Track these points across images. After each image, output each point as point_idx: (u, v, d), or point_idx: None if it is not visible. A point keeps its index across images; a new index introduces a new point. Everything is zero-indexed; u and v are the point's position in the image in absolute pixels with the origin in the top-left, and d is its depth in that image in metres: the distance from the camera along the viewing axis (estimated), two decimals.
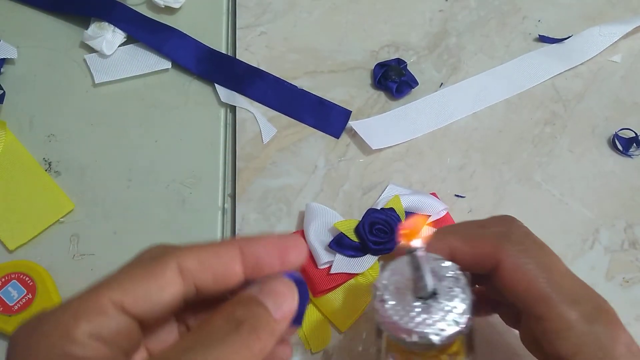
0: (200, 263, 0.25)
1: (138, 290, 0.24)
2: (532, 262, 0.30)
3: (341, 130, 0.51)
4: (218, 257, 0.25)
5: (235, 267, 0.25)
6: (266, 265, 0.26)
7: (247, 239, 0.26)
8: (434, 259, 0.31)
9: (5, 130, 0.50)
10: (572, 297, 0.29)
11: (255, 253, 0.26)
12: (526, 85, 0.53)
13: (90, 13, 0.54)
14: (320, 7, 0.56)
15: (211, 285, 0.25)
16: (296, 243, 0.27)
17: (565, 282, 0.30)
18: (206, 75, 0.53)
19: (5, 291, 0.44)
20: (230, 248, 0.26)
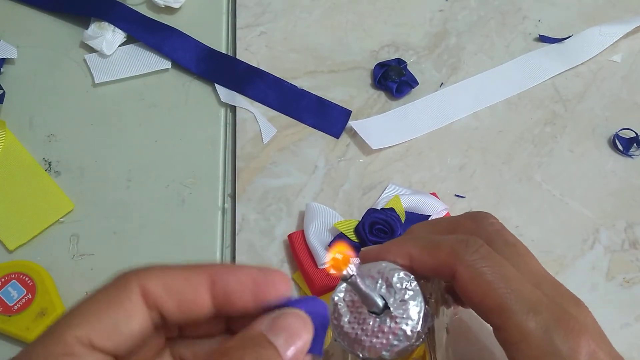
0: (164, 287, 0.22)
1: (105, 323, 0.21)
2: (489, 270, 0.28)
3: (341, 130, 0.51)
4: (185, 282, 0.23)
5: (203, 296, 0.23)
6: (237, 300, 0.23)
7: (221, 267, 0.24)
8: (390, 268, 0.30)
9: (5, 130, 0.50)
10: (530, 306, 0.28)
11: (227, 284, 0.23)
12: (526, 85, 0.53)
13: (90, 13, 0.54)
14: (320, 7, 0.56)
15: (175, 313, 0.23)
16: (277, 279, 0.24)
17: (525, 289, 0.28)
18: (206, 75, 0.53)
19: (5, 291, 0.43)
20: (200, 274, 0.23)
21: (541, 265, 0.30)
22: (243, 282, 0.23)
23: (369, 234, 0.43)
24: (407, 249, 0.31)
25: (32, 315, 0.43)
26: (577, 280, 0.46)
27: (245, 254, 0.46)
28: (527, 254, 0.31)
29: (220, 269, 0.23)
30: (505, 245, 0.30)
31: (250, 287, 0.23)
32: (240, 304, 0.23)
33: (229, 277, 0.23)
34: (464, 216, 0.33)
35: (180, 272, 0.23)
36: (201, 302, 0.23)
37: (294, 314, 0.23)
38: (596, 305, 0.45)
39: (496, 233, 0.31)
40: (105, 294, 0.22)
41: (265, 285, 0.24)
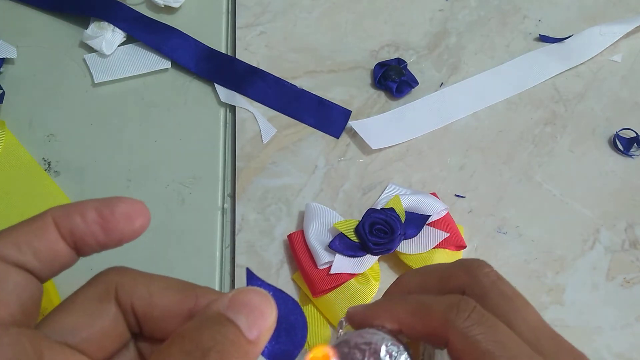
0: (15, 245, 0.22)
1: None
2: (484, 338, 0.27)
3: (341, 130, 0.51)
4: (34, 235, 0.22)
5: (55, 242, 0.22)
6: (87, 237, 0.23)
7: (61, 209, 0.23)
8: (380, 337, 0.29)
9: (5, 130, 0.50)
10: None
11: (70, 226, 0.22)
12: (526, 85, 0.53)
13: (89, 13, 0.54)
14: (320, 7, 0.56)
15: (39, 266, 0.22)
16: (123, 204, 0.23)
17: (523, 355, 0.27)
18: (206, 75, 0.53)
19: None
20: (42, 221, 0.22)
21: (540, 317, 0.29)
22: (85, 218, 0.23)
23: (369, 234, 0.43)
24: (395, 313, 0.29)
25: None
26: (577, 280, 0.46)
27: (245, 254, 0.46)
28: (524, 305, 0.29)
29: (60, 210, 0.23)
30: (502, 298, 0.29)
31: (94, 220, 0.23)
32: (92, 240, 0.23)
33: (70, 216, 0.23)
34: (457, 265, 0.31)
35: (25, 225, 0.22)
36: (56, 247, 0.22)
37: (254, 290, 0.22)
38: (596, 305, 0.46)
39: (492, 285, 0.29)
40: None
41: (112, 216, 0.23)
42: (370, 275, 0.44)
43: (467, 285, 0.30)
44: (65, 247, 0.23)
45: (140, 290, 0.23)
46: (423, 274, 0.32)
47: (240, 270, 0.46)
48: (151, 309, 0.23)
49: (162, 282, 0.23)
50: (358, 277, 0.44)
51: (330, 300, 0.44)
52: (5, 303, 0.21)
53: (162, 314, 0.23)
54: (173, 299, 0.23)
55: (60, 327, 0.22)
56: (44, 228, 0.22)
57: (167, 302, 0.23)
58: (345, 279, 0.44)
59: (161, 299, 0.23)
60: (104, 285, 0.23)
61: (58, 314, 0.22)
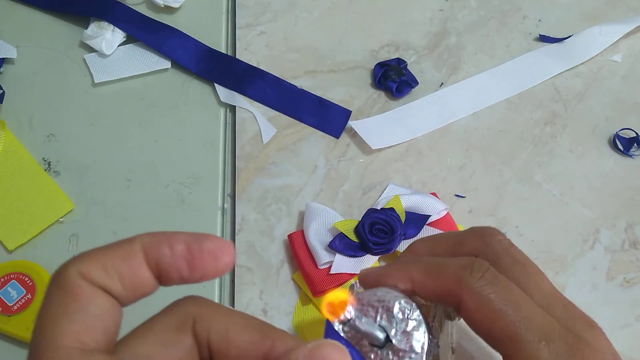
0: (103, 269, 0.22)
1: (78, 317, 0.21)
2: (497, 297, 0.27)
3: (341, 130, 0.51)
4: (121, 260, 0.22)
5: (142, 269, 0.22)
6: (172, 270, 0.22)
7: (152, 237, 0.23)
8: (392, 296, 0.29)
9: (5, 130, 0.50)
10: (542, 334, 0.26)
11: (157, 257, 0.22)
12: (526, 85, 0.53)
13: (89, 13, 0.54)
14: (320, 7, 0.56)
15: (123, 292, 0.22)
16: (211, 243, 0.23)
17: (536, 316, 0.27)
18: (206, 74, 0.53)
19: (5, 291, 0.43)
20: (131, 248, 0.22)
21: (551, 284, 0.29)
22: (174, 252, 0.22)
23: (369, 234, 0.43)
24: (409, 273, 0.29)
25: (31, 316, 0.43)
26: (577, 280, 0.46)
27: (245, 254, 0.46)
28: (536, 272, 0.29)
29: (150, 239, 0.22)
30: (514, 264, 0.29)
31: (182, 255, 0.22)
32: (176, 274, 0.23)
33: (159, 247, 0.22)
34: (470, 232, 0.31)
35: (113, 250, 0.22)
36: (141, 275, 0.22)
37: (332, 344, 0.22)
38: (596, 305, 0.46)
39: (504, 251, 0.30)
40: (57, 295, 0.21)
41: (200, 253, 0.23)
42: None
43: (479, 251, 0.30)
44: (150, 276, 0.23)
45: (219, 326, 0.23)
46: (435, 240, 0.32)
47: (240, 270, 0.46)
48: (227, 347, 0.23)
49: (241, 320, 0.23)
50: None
51: None
52: (90, 328, 0.21)
53: (238, 353, 0.23)
54: (250, 339, 0.23)
55: (135, 354, 0.22)
56: (132, 254, 0.22)
57: (244, 342, 0.23)
58: (345, 279, 0.44)
59: (239, 337, 0.23)
60: (182, 316, 0.23)
61: (133, 340, 0.22)
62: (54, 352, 0.20)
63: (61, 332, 0.20)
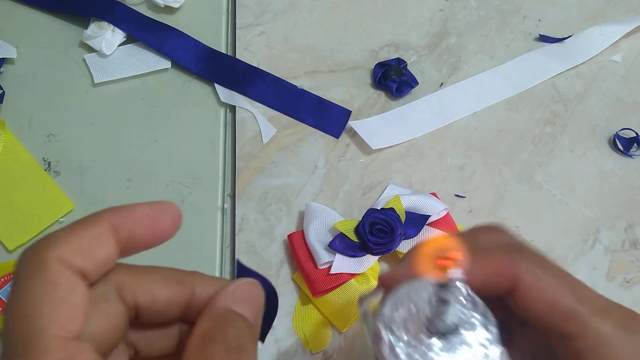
0: (80, 253, 0.22)
1: (64, 307, 0.21)
2: (552, 276, 0.26)
3: (341, 130, 0.51)
4: (95, 241, 0.23)
5: (112, 247, 0.23)
6: (140, 242, 0.24)
7: (117, 213, 0.23)
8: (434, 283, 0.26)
9: (5, 130, 0.50)
10: (601, 308, 0.26)
11: (128, 229, 0.24)
12: (526, 85, 0.53)
13: (89, 13, 0.54)
14: (320, 7, 0.56)
15: (95, 271, 0.23)
16: (168, 211, 0.25)
17: (590, 293, 0.27)
18: (206, 74, 0.53)
19: (5, 291, 0.43)
20: (102, 227, 0.23)
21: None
22: (140, 223, 0.24)
23: (369, 234, 0.43)
24: None
25: None
26: None
27: (245, 254, 0.46)
28: (558, 264, 0.28)
29: (117, 216, 0.23)
30: (542, 255, 0.28)
31: (147, 225, 0.24)
32: (142, 243, 0.24)
33: (127, 222, 0.24)
34: (479, 230, 0.30)
35: (84, 231, 0.23)
36: (111, 252, 0.23)
37: (248, 283, 0.25)
38: None
39: (521, 244, 0.28)
40: (38, 281, 0.22)
41: (161, 220, 0.24)
42: (370, 275, 0.44)
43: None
44: (117, 252, 0.24)
45: (142, 287, 0.24)
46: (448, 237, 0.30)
47: None
48: (153, 303, 0.24)
49: (161, 276, 0.25)
50: (358, 277, 0.44)
51: (330, 300, 0.44)
52: (74, 316, 0.21)
53: (163, 307, 0.24)
54: (171, 291, 0.24)
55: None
56: (103, 234, 0.23)
57: (167, 295, 0.24)
58: (345, 279, 0.44)
59: (162, 293, 0.24)
60: (106, 286, 0.23)
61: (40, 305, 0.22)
62: (46, 340, 0.20)
63: (49, 322, 0.21)
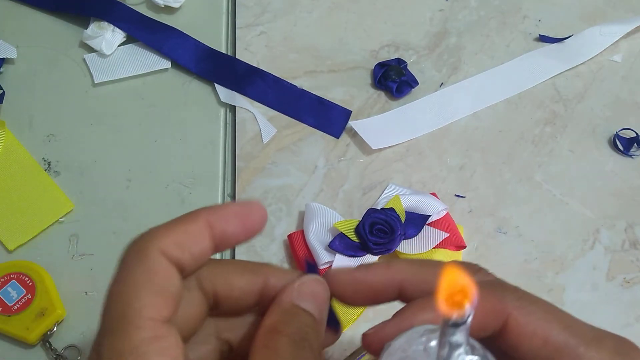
0: (177, 245, 0.25)
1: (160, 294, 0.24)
2: (540, 310, 0.26)
3: (341, 130, 0.51)
4: (192, 236, 0.25)
5: (207, 242, 0.26)
6: (232, 237, 0.26)
7: (212, 211, 0.26)
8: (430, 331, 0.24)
9: (5, 130, 0.50)
10: (594, 338, 0.25)
11: (222, 226, 0.26)
12: (526, 85, 0.53)
13: (89, 13, 0.54)
14: (320, 7, 0.56)
15: (191, 263, 0.25)
16: (257, 209, 0.27)
17: (578, 323, 0.26)
18: (206, 74, 0.53)
19: (5, 291, 0.43)
20: (199, 224, 0.26)
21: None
22: (232, 221, 0.26)
23: (369, 234, 0.43)
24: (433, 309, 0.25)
25: (31, 316, 0.43)
26: (577, 280, 0.46)
27: (245, 254, 0.46)
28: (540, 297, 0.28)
29: (212, 214, 0.26)
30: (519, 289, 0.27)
31: (239, 223, 0.27)
32: (234, 239, 0.27)
33: (221, 219, 0.26)
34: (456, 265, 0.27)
35: (183, 226, 0.25)
36: (206, 246, 0.26)
37: (314, 279, 0.27)
38: (596, 305, 0.46)
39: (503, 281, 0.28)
40: (139, 268, 0.24)
41: (249, 217, 0.27)
42: None
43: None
44: (211, 247, 0.26)
45: (221, 277, 0.27)
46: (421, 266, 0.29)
47: None
48: (231, 291, 0.27)
49: (238, 266, 0.28)
50: None
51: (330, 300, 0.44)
52: (168, 303, 0.24)
53: (240, 294, 0.27)
54: (247, 279, 0.27)
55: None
56: (200, 230, 0.26)
57: (244, 284, 0.27)
58: None
59: (239, 282, 0.27)
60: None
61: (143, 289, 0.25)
62: (141, 320, 0.23)
63: (146, 305, 0.23)
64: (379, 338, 0.26)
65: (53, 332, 0.43)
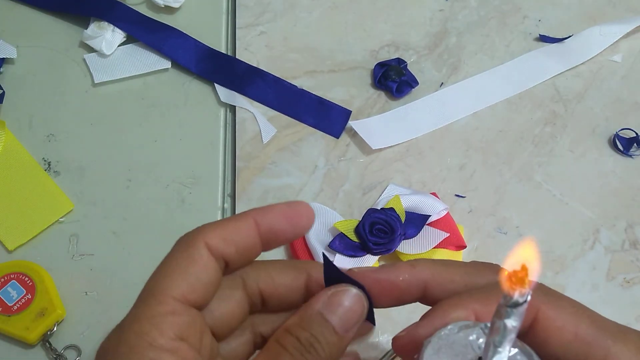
0: (223, 239, 0.26)
1: (190, 278, 0.25)
2: (569, 305, 0.27)
3: (341, 130, 0.51)
4: (238, 231, 0.27)
5: (254, 238, 0.27)
6: (280, 234, 0.28)
7: (260, 211, 0.28)
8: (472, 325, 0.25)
9: (5, 130, 0.50)
10: (619, 334, 0.26)
11: (269, 223, 0.27)
12: (526, 85, 0.53)
13: (89, 13, 0.54)
14: (320, 7, 0.56)
15: (236, 257, 0.27)
16: (303, 209, 0.28)
17: (604, 319, 0.26)
18: (206, 74, 0.53)
19: (5, 291, 0.43)
20: (248, 221, 0.27)
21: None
22: (280, 219, 0.28)
23: (369, 234, 0.43)
24: (469, 305, 0.27)
25: (31, 315, 0.43)
26: (577, 280, 0.46)
27: None
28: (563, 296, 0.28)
29: (260, 213, 0.28)
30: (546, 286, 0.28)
31: (287, 221, 0.28)
32: (282, 237, 0.28)
33: (269, 218, 0.27)
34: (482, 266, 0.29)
35: (232, 223, 0.27)
36: (253, 245, 0.27)
37: (347, 291, 0.27)
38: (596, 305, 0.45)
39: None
40: (180, 255, 0.26)
41: (297, 217, 0.28)
42: None
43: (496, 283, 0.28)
44: (259, 243, 0.28)
45: (264, 276, 0.28)
46: (445, 266, 0.30)
47: None
48: (276, 288, 0.28)
49: (278, 265, 0.29)
50: None
51: None
52: (197, 290, 0.26)
53: (285, 290, 0.28)
54: (291, 276, 0.28)
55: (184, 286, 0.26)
56: (248, 227, 0.27)
57: (287, 281, 0.28)
58: None
59: (282, 279, 0.28)
60: (232, 276, 0.28)
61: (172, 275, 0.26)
62: (163, 297, 0.25)
63: (173, 286, 0.25)
64: (412, 339, 0.26)
65: (53, 332, 0.43)
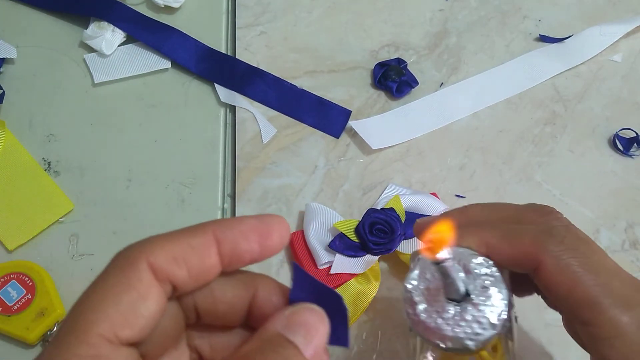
0: (172, 258, 0.22)
1: (123, 310, 0.21)
2: (577, 262, 0.27)
3: (341, 130, 0.51)
4: (192, 249, 0.22)
5: (212, 259, 0.22)
6: (245, 255, 0.23)
7: (223, 224, 0.23)
8: (467, 254, 0.29)
9: (5, 130, 0.50)
10: (622, 300, 0.26)
11: (233, 241, 0.23)
12: (526, 85, 0.53)
13: (89, 13, 0.54)
14: (320, 7, 0.56)
15: (187, 281, 0.22)
16: (276, 225, 0.24)
17: (614, 282, 0.27)
18: (206, 74, 0.53)
19: (5, 291, 0.43)
20: (204, 237, 0.23)
21: (614, 262, 0.29)
22: (247, 236, 0.23)
23: (369, 234, 0.43)
24: (484, 236, 0.29)
25: (31, 315, 0.43)
26: None
27: None
28: (600, 250, 0.29)
29: (222, 227, 0.23)
30: (578, 240, 0.29)
31: (255, 238, 0.23)
32: (249, 257, 0.23)
33: (233, 234, 0.23)
34: (528, 208, 0.31)
35: (184, 238, 0.22)
36: (210, 264, 0.23)
37: (308, 309, 0.23)
38: None
39: (565, 228, 0.29)
40: (115, 278, 0.21)
41: (267, 235, 0.23)
42: (370, 275, 0.44)
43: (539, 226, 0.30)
44: (217, 264, 0.23)
45: (202, 290, 0.23)
46: (495, 209, 0.32)
47: None
48: (215, 305, 0.23)
49: (222, 277, 0.23)
50: (358, 277, 0.44)
51: None
52: (131, 323, 0.21)
53: (226, 308, 0.23)
54: (234, 293, 0.24)
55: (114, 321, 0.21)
56: (206, 244, 0.22)
57: (229, 297, 0.23)
58: (345, 279, 0.44)
59: (224, 294, 0.23)
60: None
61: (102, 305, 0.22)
62: (87, 336, 0.20)
63: (100, 319, 0.20)
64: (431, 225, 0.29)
65: (53, 332, 0.43)
